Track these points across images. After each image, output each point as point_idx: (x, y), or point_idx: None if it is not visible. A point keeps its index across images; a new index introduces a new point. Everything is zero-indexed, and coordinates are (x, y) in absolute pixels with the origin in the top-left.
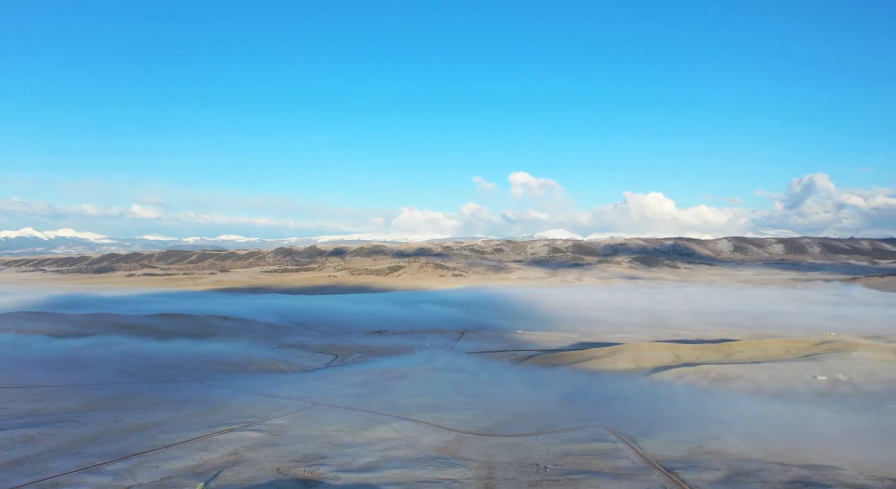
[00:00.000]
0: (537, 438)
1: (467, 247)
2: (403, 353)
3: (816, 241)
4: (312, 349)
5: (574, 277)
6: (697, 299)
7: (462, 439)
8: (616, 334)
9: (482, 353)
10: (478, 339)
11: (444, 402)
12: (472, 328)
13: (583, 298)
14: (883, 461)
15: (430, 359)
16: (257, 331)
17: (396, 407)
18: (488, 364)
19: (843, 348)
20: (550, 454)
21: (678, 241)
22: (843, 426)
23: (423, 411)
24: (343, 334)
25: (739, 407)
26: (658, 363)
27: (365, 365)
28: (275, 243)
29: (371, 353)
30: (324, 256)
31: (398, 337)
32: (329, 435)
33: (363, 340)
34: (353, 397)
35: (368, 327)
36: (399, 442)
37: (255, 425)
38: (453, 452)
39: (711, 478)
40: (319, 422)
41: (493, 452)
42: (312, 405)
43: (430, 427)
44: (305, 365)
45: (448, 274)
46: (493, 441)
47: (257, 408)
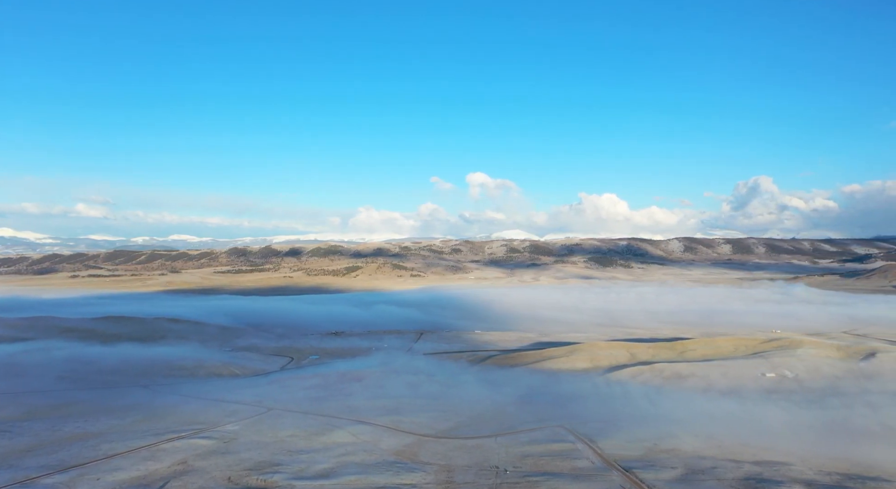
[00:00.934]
0: (497, 440)
1: (425, 248)
2: (361, 355)
3: (761, 242)
4: (267, 352)
5: (531, 277)
6: (650, 298)
7: (421, 442)
8: (573, 334)
9: (441, 354)
10: (436, 340)
11: (403, 405)
12: (431, 329)
13: (540, 298)
14: (829, 455)
15: (388, 360)
16: (209, 334)
17: (354, 410)
18: (447, 365)
19: (789, 345)
20: (510, 456)
21: (632, 241)
22: (791, 422)
23: (381, 414)
24: (299, 336)
25: (693, 405)
26: (614, 362)
27: (321, 367)
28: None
29: (328, 356)
30: (279, 257)
31: (356, 338)
32: (284, 441)
33: (320, 342)
34: (310, 401)
35: (325, 329)
36: (356, 446)
37: (205, 432)
38: (412, 456)
39: (668, 477)
40: (274, 427)
41: (452, 455)
42: (266, 410)
43: (388, 430)
44: (259, 368)
45: (406, 274)
46: (452, 443)
47: (208, 414)
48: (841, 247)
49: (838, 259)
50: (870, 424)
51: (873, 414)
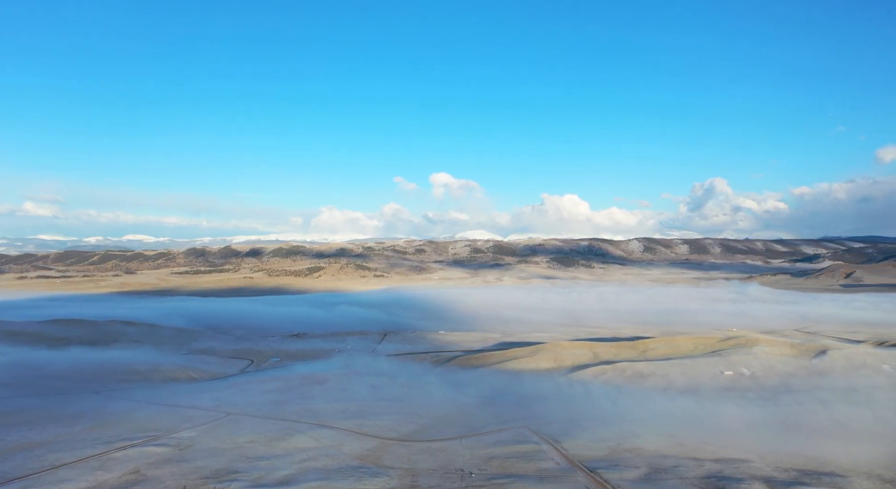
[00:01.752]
0: (461, 442)
1: (389, 248)
2: (323, 357)
3: (717, 242)
4: (225, 354)
5: (494, 277)
6: (611, 298)
7: (384, 446)
8: (536, 333)
9: (404, 356)
10: (400, 341)
11: (366, 408)
12: (394, 329)
13: (503, 298)
14: (786, 452)
15: (351, 362)
16: (165, 337)
17: (316, 414)
18: (410, 366)
19: (745, 344)
20: (475, 458)
21: (593, 241)
22: (748, 419)
23: (344, 418)
24: (259, 338)
25: (655, 404)
26: (578, 362)
27: (282, 370)
28: (186, 243)
29: (289, 358)
30: (239, 257)
31: (318, 340)
32: (242, 447)
33: (281, 344)
34: (270, 405)
35: (286, 330)
36: (318, 451)
37: (159, 439)
38: (376, 460)
39: (632, 477)
40: (232, 433)
41: (416, 459)
42: (225, 415)
43: (351, 434)
44: (218, 371)
45: (369, 274)
46: (416, 447)
47: (163, 421)
48: (791, 248)
49: (789, 259)
50: (822, 420)
51: (825, 410)
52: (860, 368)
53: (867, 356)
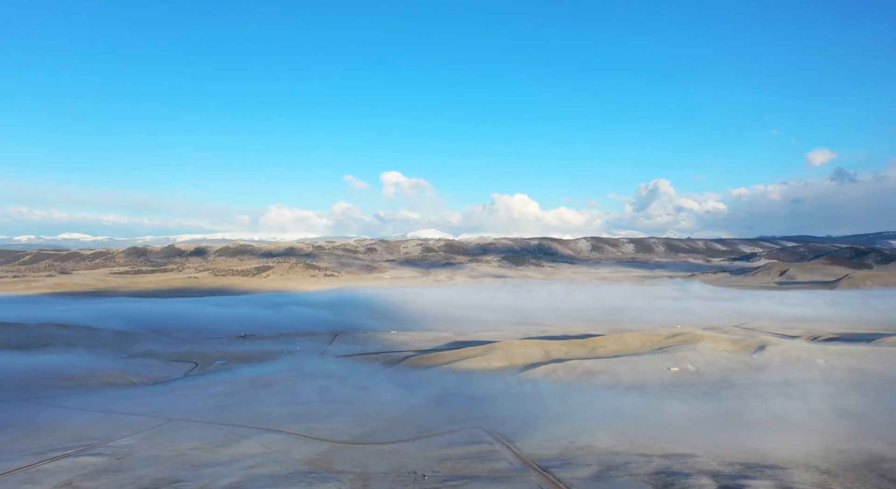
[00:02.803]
0: (414, 444)
1: (339, 247)
2: (271, 359)
3: (661, 241)
4: (168, 357)
5: (446, 276)
6: (560, 296)
7: (335, 450)
8: (488, 332)
9: (355, 356)
10: (351, 342)
11: (316, 411)
12: (345, 330)
13: (455, 297)
14: (729, 446)
15: (300, 364)
16: (102, 340)
17: (264, 418)
18: (362, 367)
19: (690, 340)
20: (428, 460)
21: (542, 240)
22: (694, 414)
23: (293, 421)
24: (204, 340)
25: (605, 401)
26: (529, 360)
27: (229, 373)
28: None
29: (236, 360)
30: (184, 257)
31: (266, 341)
32: (185, 454)
33: (227, 346)
34: (215, 409)
35: (233, 331)
36: (266, 457)
37: (95, 448)
38: (326, 465)
39: (584, 475)
40: (174, 440)
41: (368, 462)
42: (167, 421)
43: (300, 438)
44: (159, 375)
45: (319, 274)
46: (368, 450)
47: (99, 428)
48: (730, 247)
49: (728, 257)
50: (761, 414)
51: (764, 404)
52: (795, 363)
53: (802, 351)
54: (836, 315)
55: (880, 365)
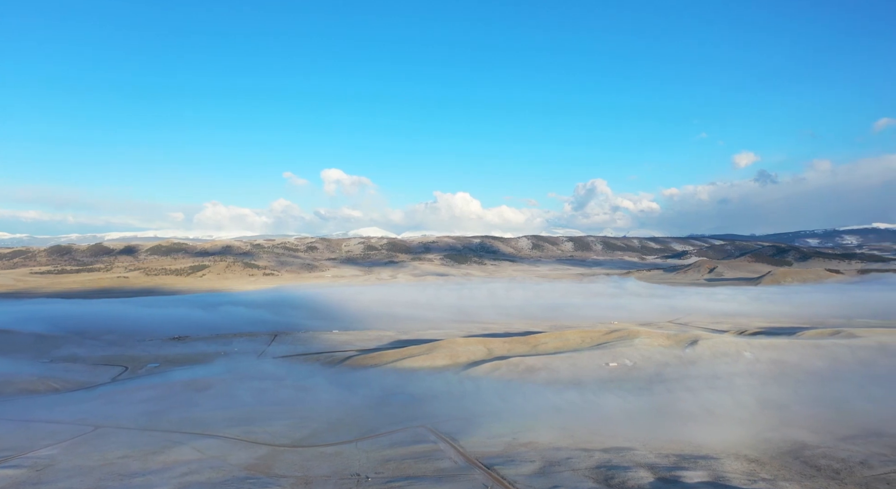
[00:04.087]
0: (357, 445)
1: (279, 245)
2: (207, 361)
3: (599, 240)
4: (94, 361)
5: (389, 275)
6: (502, 294)
7: (276, 453)
8: (431, 330)
9: (296, 357)
10: (292, 342)
11: (255, 414)
12: (285, 330)
13: (398, 296)
14: (665, 438)
15: (238, 366)
16: (20, 344)
17: (199, 423)
18: (303, 368)
19: (627, 336)
20: (371, 461)
21: (484, 239)
22: (632, 408)
23: (231, 425)
24: (134, 342)
25: (547, 397)
26: (473, 358)
27: (162, 376)
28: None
29: (169, 363)
30: (112, 255)
31: (201, 343)
32: (113, 463)
33: (159, 349)
34: (147, 415)
35: (166, 333)
36: (202, 463)
37: (12, 460)
38: (266, 469)
39: (528, 471)
40: (101, 448)
41: (310, 465)
42: (93, 428)
43: (239, 443)
44: (85, 381)
45: (258, 273)
46: (309, 452)
47: (17, 438)
48: (663, 245)
49: (661, 255)
50: (693, 407)
51: (696, 397)
52: (724, 356)
53: (730, 345)
54: (760, 310)
55: (799, 357)
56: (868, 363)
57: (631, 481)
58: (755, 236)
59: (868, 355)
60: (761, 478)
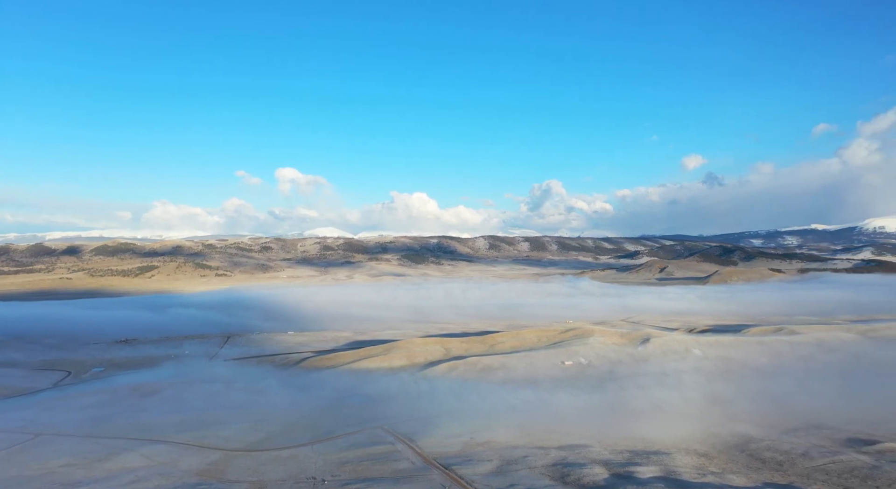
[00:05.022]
0: (313, 448)
1: (232, 246)
2: (156, 365)
3: (554, 240)
4: (34, 366)
5: (345, 275)
6: (458, 294)
7: (228, 458)
8: (388, 331)
9: (250, 359)
10: (245, 344)
11: (207, 418)
12: (239, 332)
13: (355, 296)
14: (618, 435)
15: (188, 369)
16: None
17: (148, 428)
18: (257, 371)
19: (582, 335)
20: (328, 464)
21: (442, 239)
22: (587, 406)
23: (182, 430)
24: (78, 346)
25: (504, 396)
26: (431, 358)
27: (107, 381)
28: None
29: (116, 367)
30: (54, 256)
31: (150, 346)
32: (55, 472)
33: (105, 352)
34: (92, 421)
35: (112, 336)
36: (150, 470)
37: None
38: (218, 475)
39: (485, 471)
40: (42, 457)
41: (264, 470)
42: (33, 436)
43: (190, 448)
44: (24, 387)
45: (210, 274)
46: (264, 456)
47: None
48: (616, 245)
49: (614, 255)
50: (644, 404)
51: (648, 394)
52: (676, 353)
53: (679, 342)
54: (708, 308)
55: (744, 353)
56: (807, 359)
57: (586, 478)
58: (703, 237)
59: (807, 351)
60: (710, 472)
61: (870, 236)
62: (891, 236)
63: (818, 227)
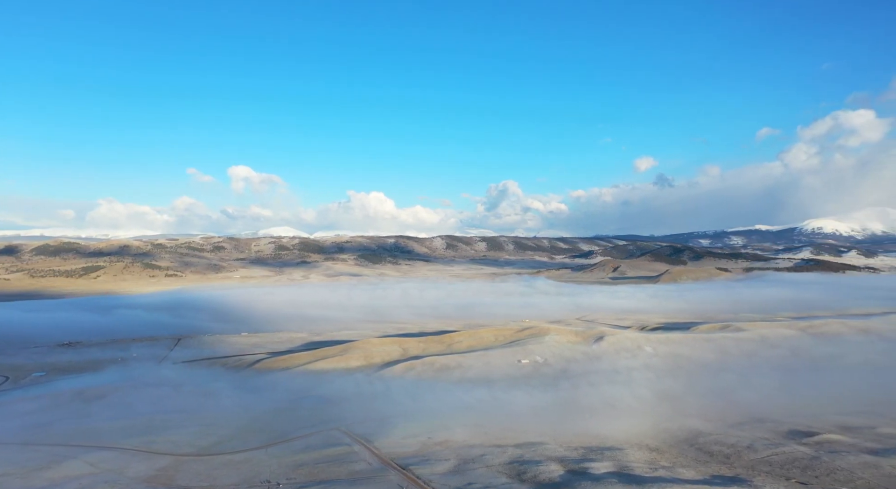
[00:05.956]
0: (267, 451)
1: (183, 245)
2: (103, 368)
3: (510, 240)
4: None
5: (301, 275)
6: (415, 294)
7: (179, 463)
8: (345, 331)
9: (202, 362)
10: (197, 346)
11: (156, 423)
12: (190, 334)
13: (311, 296)
14: (572, 432)
15: (137, 372)
16: None
17: (93, 434)
18: (210, 373)
19: (538, 333)
20: (283, 467)
21: (399, 239)
22: (543, 404)
23: (129, 436)
24: (17, 350)
25: (461, 395)
26: (388, 358)
27: (49, 386)
28: None
29: (58, 371)
30: None
31: (95, 349)
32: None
33: (46, 356)
34: (31, 429)
35: (54, 339)
36: (96, 478)
37: None
38: (168, 481)
39: (443, 470)
40: None
41: (216, 475)
42: None
43: (137, 454)
44: None
45: (160, 274)
46: (216, 461)
47: None
48: (571, 245)
49: (569, 255)
50: (596, 401)
51: (603, 391)
52: (626, 351)
53: (631, 340)
54: (659, 306)
55: (693, 350)
56: (751, 354)
57: (542, 475)
58: (654, 237)
59: (751, 347)
60: (661, 466)
61: (809, 236)
62: (828, 236)
63: (762, 227)
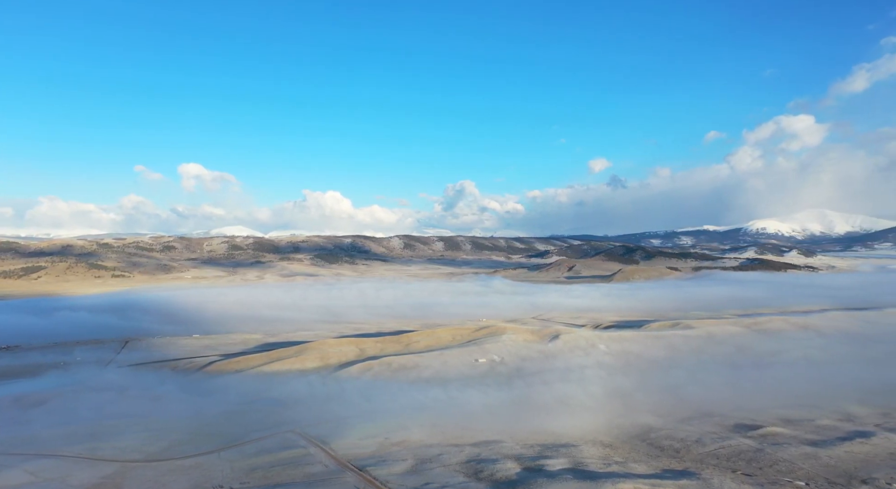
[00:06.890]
0: (220, 455)
1: (131, 245)
2: (43, 373)
3: (468, 240)
4: None
5: (255, 276)
6: (372, 294)
7: (126, 470)
8: (301, 332)
9: (151, 365)
10: (145, 349)
11: (102, 428)
12: (138, 336)
13: (265, 297)
14: (528, 430)
15: (80, 377)
16: None
17: (33, 442)
18: (159, 376)
19: (496, 332)
20: (236, 471)
21: (356, 238)
22: (499, 402)
23: (73, 443)
24: None
25: (419, 395)
26: (344, 359)
27: None
28: None
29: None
30: None
31: (35, 353)
32: None
33: None
34: None
35: None
36: (36, 487)
37: None
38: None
39: (400, 470)
40: None
41: (166, 481)
42: None
43: (81, 461)
44: None
45: (106, 275)
46: (165, 467)
47: None
48: (527, 245)
49: (526, 254)
50: (551, 399)
51: (560, 389)
52: (580, 349)
53: (586, 338)
54: (612, 305)
55: (644, 347)
56: (699, 351)
57: (499, 473)
58: (608, 237)
59: (699, 344)
60: (615, 461)
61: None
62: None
63: (710, 227)
